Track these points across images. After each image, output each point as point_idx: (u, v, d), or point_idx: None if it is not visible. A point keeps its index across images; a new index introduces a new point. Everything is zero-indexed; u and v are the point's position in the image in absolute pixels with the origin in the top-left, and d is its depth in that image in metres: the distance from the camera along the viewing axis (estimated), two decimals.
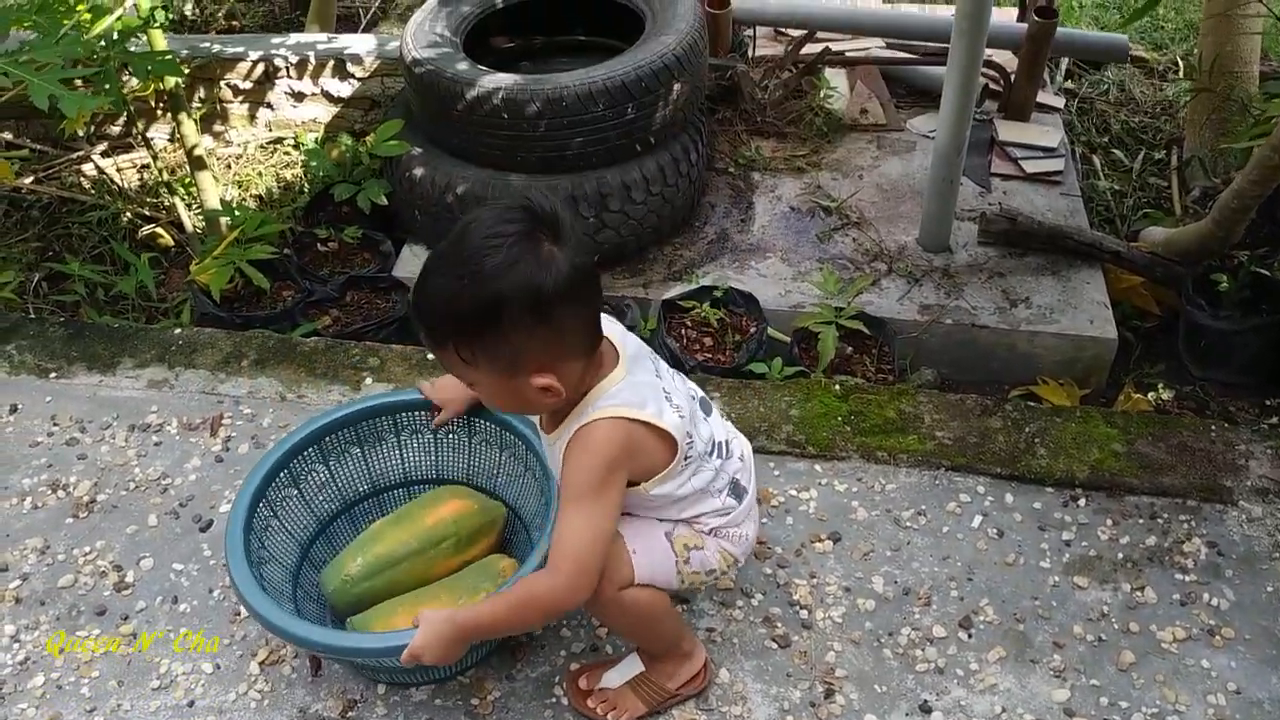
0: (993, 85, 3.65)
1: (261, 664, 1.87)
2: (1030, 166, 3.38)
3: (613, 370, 1.56)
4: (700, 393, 1.72)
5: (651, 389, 1.57)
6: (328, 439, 1.94)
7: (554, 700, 1.81)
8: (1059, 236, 3.01)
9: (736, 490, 1.71)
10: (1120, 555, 2.06)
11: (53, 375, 2.45)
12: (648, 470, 1.58)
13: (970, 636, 1.92)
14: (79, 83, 2.46)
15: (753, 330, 2.71)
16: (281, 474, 1.87)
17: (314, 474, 1.94)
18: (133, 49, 2.60)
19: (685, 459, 1.59)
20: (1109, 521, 2.12)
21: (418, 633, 1.52)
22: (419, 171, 2.95)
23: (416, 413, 1.99)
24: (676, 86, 2.88)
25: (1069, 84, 4.11)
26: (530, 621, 1.61)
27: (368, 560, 1.83)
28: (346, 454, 1.97)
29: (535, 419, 1.72)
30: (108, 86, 2.50)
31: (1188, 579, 2.01)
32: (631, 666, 1.79)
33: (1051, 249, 3.04)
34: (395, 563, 1.83)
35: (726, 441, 1.70)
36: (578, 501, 1.52)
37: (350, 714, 1.80)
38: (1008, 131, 3.50)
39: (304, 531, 1.93)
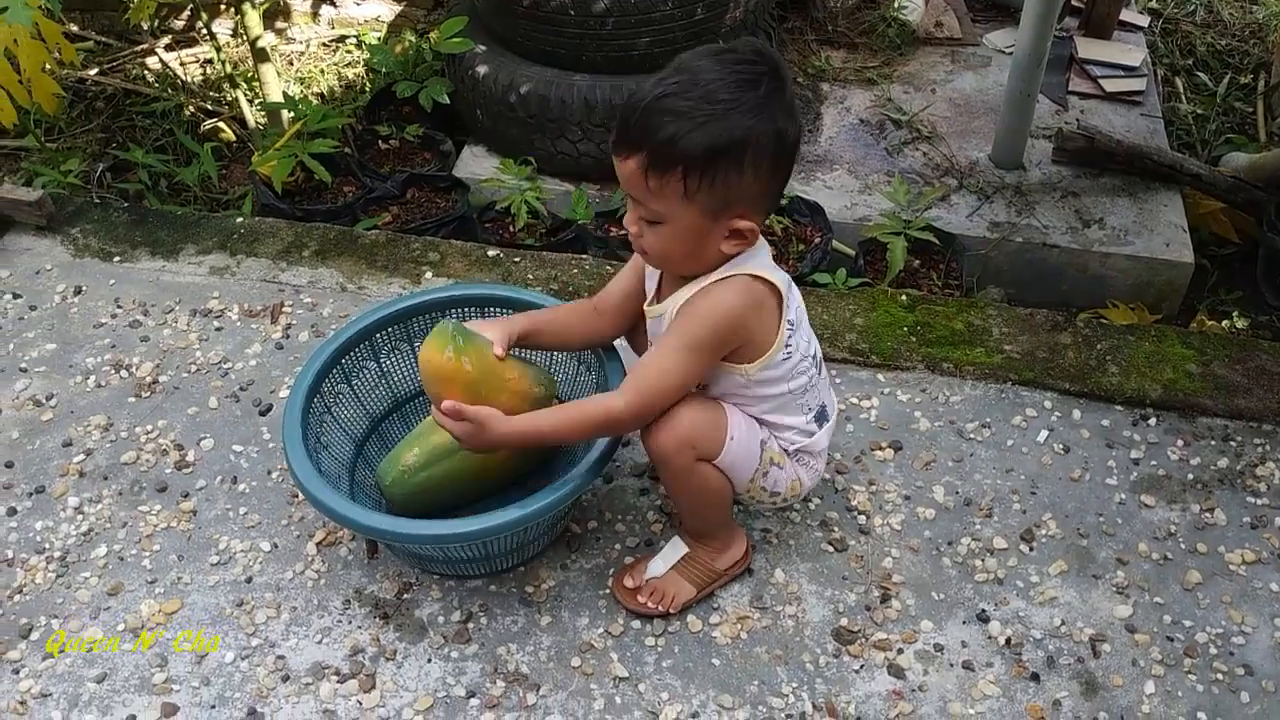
0: (1074, 1, 3.52)
1: (319, 545, 1.89)
2: (1110, 85, 3.26)
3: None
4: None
5: (776, 271, 1.59)
6: (378, 335, 1.93)
7: (607, 591, 1.81)
8: (1138, 157, 2.91)
9: (822, 416, 1.73)
10: (1190, 476, 2.00)
11: (116, 259, 2.46)
12: (756, 345, 1.58)
13: (1031, 549, 1.88)
14: None
15: (817, 240, 2.66)
16: (334, 371, 1.87)
17: (365, 370, 1.94)
18: None
19: (786, 347, 1.59)
20: (1180, 442, 2.06)
21: (471, 416, 1.56)
22: (482, 70, 2.91)
23: (467, 309, 1.97)
24: None
25: (1153, 3, 3.95)
26: (583, 434, 1.65)
27: (425, 450, 1.82)
28: (397, 350, 1.97)
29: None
30: None
31: (1259, 502, 1.96)
32: (675, 550, 1.78)
33: (1129, 170, 2.94)
34: (452, 452, 1.82)
35: (820, 359, 1.71)
36: (680, 348, 1.53)
37: (405, 596, 1.81)
38: (1088, 49, 3.37)
39: (357, 427, 1.94)
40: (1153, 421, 2.10)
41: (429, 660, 1.73)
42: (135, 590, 1.83)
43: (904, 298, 2.33)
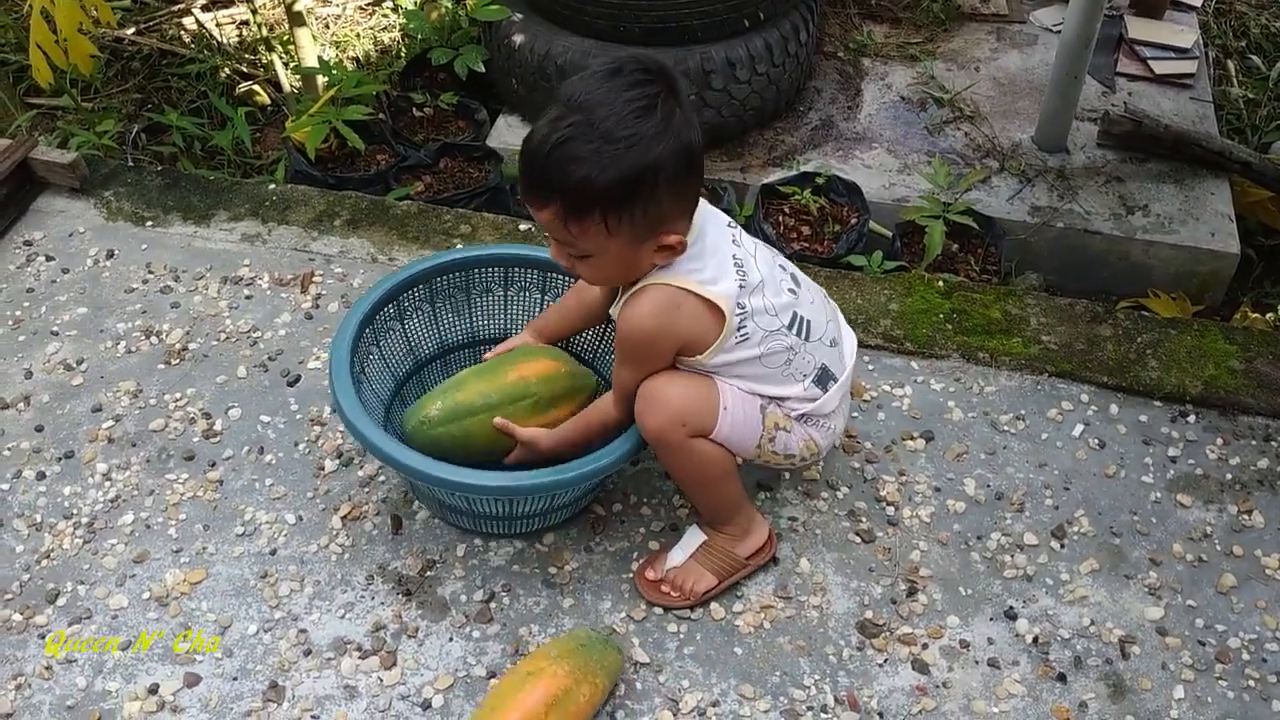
0: None
1: (344, 519, 1.89)
2: (1160, 67, 3.18)
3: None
4: (794, 269, 1.71)
5: (715, 253, 1.57)
6: (440, 278, 1.96)
7: (630, 575, 1.80)
8: (1186, 143, 2.84)
9: (824, 378, 1.67)
10: (1229, 476, 1.96)
11: (149, 223, 2.46)
12: (698, 340, 1.57)
13: (1063, 546, 1.86)
14: None
15: (854, 221, 2.61)
16: (381, 314, 1.90)
17: (391, 332, 1.94)
18: None
19: (740, 330, 1.57)
20: (1219, 440, 2.02)
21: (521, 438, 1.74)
22: (518, 39, 2.87)
23: (495, 269, 1.98)
24: None
25: None
26: (595, 436, 1.73)
27: (446, 406, 1.79)
28: (419, 311, 2.00)
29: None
30: None
31: None
32: (694, 538, 1.77)
33: (1176, 156, 2.87)
34: (473, 413, 1.78)
35: (809, 320, 1.65)
36: (623, 362, 1.64)
37: (429, 573, 1.81)
38: (1139, 29, 3.29)
39: (397, 374, 1.97)
40: (1192, 419, 2.05)
41: (450, 639, 1.72)
42: (161, 559, 1.84)
43: (941, 284, 2.29)
